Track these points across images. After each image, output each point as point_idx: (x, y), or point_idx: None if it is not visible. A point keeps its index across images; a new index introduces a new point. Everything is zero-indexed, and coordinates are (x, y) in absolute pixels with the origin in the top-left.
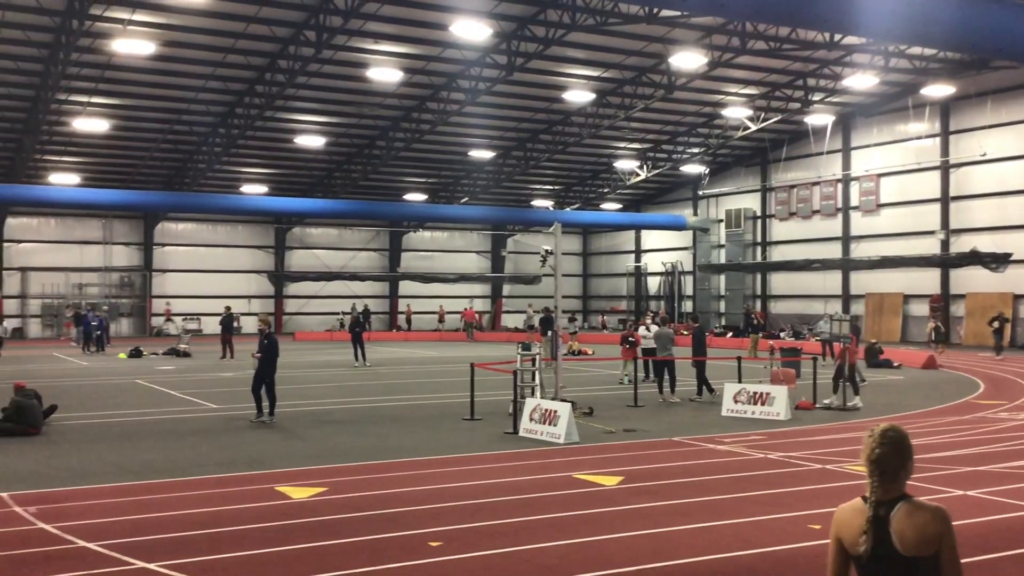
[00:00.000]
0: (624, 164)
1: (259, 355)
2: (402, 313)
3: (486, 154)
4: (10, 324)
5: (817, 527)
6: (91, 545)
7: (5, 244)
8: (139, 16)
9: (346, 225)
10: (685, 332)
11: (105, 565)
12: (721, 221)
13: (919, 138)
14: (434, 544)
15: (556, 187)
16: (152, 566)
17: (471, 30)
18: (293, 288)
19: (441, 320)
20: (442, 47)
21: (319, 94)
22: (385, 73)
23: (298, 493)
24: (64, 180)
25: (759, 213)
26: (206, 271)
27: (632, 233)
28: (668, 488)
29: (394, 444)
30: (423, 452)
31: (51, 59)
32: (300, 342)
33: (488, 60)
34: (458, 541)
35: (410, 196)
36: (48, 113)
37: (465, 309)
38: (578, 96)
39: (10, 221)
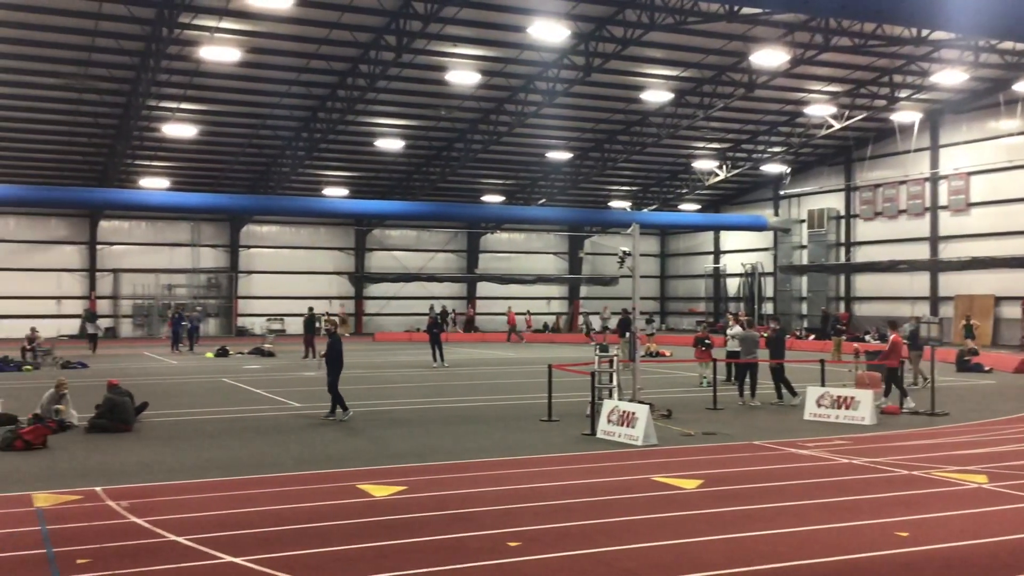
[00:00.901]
0: (703, 164)
1: (323, 356)
2: (462, 315)
3: (563, 155)
4: (103, 323)
5: (904, 535)
6: (180, 539)
7: (98, 246)
8: (226, 24)
9: (425, 227)
10: (764, 335)
11: (194, 559)
12: (803, 221)
13: (1011, 135)
14: (513, 544)
15: (634, 188)
16: (239, 560)
17: (549, 31)
18: (373, 289)
19: (512, 325)
20: (520, 49)
21: (399, 98)
22: (463, 76)
23: (379, 491)
24: (154, 184)
25: (843, 213)
26: (289, 272)
27: (711, 234)
28: (749, 492)
29: (472, 444)
30: (501, 452)
31: (142, 66)
32: (379, 343)
33: (566, 61)
34: (537, 542)
35: (488, 198)
36: (139, 119)
37: (509, 310)
38: (656, 96)
39: (103, 224)
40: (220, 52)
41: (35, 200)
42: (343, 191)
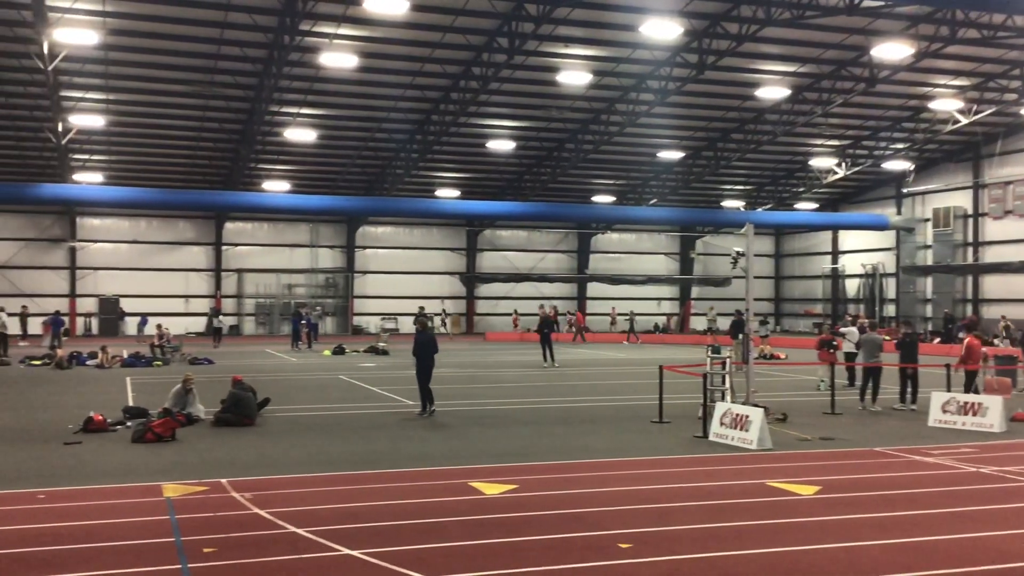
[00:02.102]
0: (820, 162)
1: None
2: (563, 315)
3: (675, 155)
4: (227, 321)
5: None
6: (300, 531)
7: (223, 247)
8: (344, 30)
9: (535, 227)
10: (888, 337)
11: (313, 550)
12: (928, 220)
13: None
14: (624, 546)
15: (748, 187)
16: (356, 553)
17: (661, 29)
18: (484, 289)
19: (612, 323)
20: (632, 48)
21: (510, 99)
22: (575, 76)
23: (491, 489)
24: (276, 187)
25: (970, 211)
26: (402, 272)
27: (829, 233)
28: (869, 500)
29: (583, 444)
30: (612, 453)
31: (265, 73)
32: (490, 342)
33: (678, 59)
34: (648, 544)
35: (598, 198)
36: (262, 124)
37: (576, 312)
38: (772, 93)
39: (228, 226)
40: (338, 58)
41: (165, 203)
42: (455, 192)
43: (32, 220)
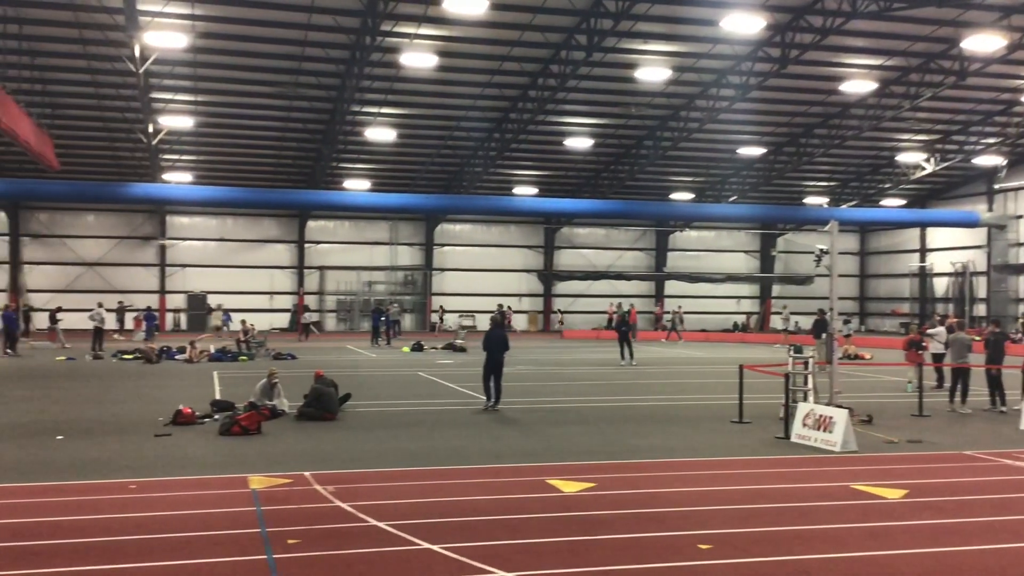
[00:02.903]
0: (908, 157)
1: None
2: (644, 313)
3: (756, 151)
4: (310, 317)
5: None
6: (381, 524)
7: (306, 245)
8: (424, 30)
9: (613, 225)
10: (978, 338)
11: (394, 544)
12: (1021, 217)
13: None
14: (703, 547)
15: (831, 183)
16: (436, 548)
17: (743, 24)
18: (561, 287)
19: (681, 321)
20: (712, 43)
21: (588, 96)
22: (654, 72)
23: (568, 487)
24: (356, 185)
25: None
26: (480, 270)
27: (916, 231)
28: (958, 505)
29: (662, 444)
30: (691, 453)
31: (347, 74)
32: (567, 340)
33: (760, 54)
34: (728, 546)
35: (677, 195)
36: (344, 124)
37: (631, 308)
38: (857, 87)
39: (310, 224)
40: (418, 58)
41: (251, 202)
42: (533, 190)
43: (125, 219)
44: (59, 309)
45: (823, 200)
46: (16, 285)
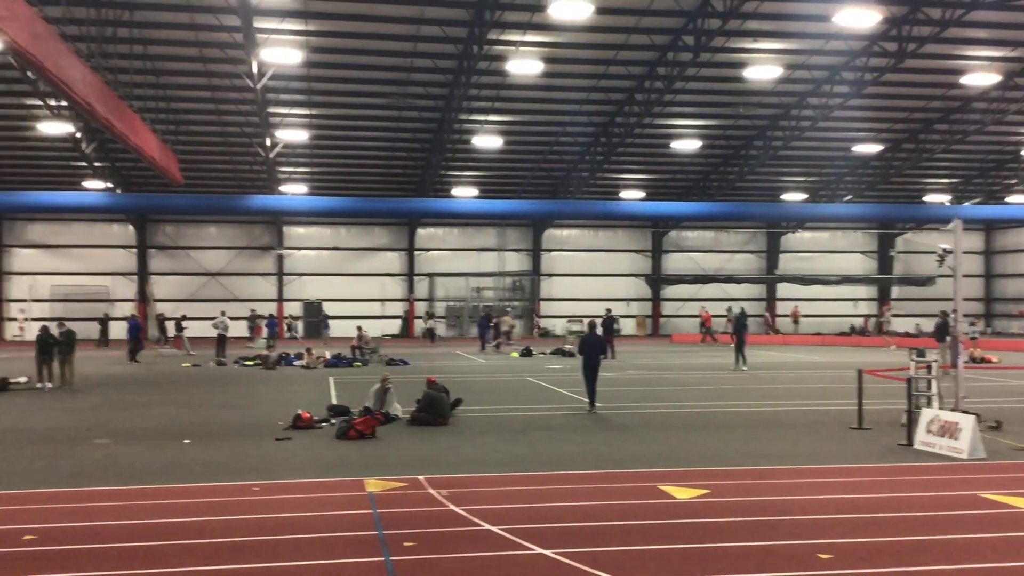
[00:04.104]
0: None
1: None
2: (723, 316)
3: (872, 148)
4: (422, 324)
5: None
6: (495, 528)
7: (416, 252)
8: (529, 37)
9: (722, 227)
10: None
11: (507, 548)
12: None
13: None
14: (824, 557)
15: (954, 180)
16: (548, 552)
17: (857, 18)
18: (670, 291)
19: (795, 322)
20: (824, 39)
21: (696, 98)
22: (763, 71)
23: (681, 493)
24: (464, 193)
25: None
26: (588, 275)
27: None
28: None
29: (778, 450)
30: (809, 460)
31: (455, 83)
32: (676, 344)
33: (876, 48)
34: (850, 556)
35: (788, 196)
36: (451, 132)
37: (703, 312)
38: (980, 79)
39: (420, 231)
40: (524, 65)
41: (362, 211)
42: (640, 194)
43: (244, 230)
44: (184, 317)
45: (945, 198)
46: (144, 295)
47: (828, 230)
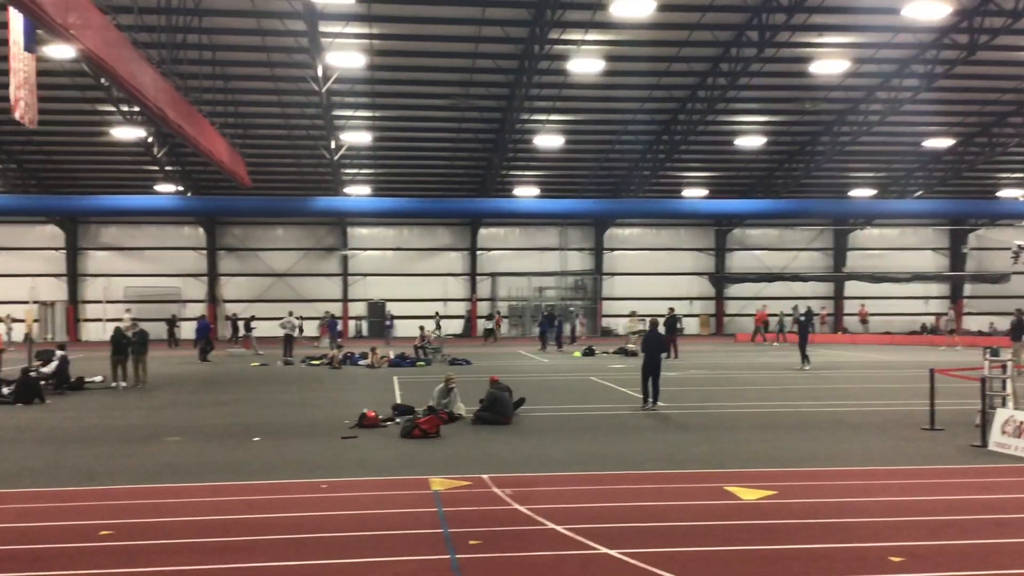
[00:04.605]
0: None
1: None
2: (775, 315)
3: (943, 143)
4: (482, 323)
5: None
6: (558, 528)
7: (478, 252)
8: (591, 36)
9: (787, 225)
10: None
11: (572, 548)
12: None
13: None
14: (895, 559)
15: None
16: (613, 552)
17: (926, 10)
18: (733, 289)
19: (864, 321)
20: (893, 32)
21: (760, 94)
22: (830, 65)
23: (747, 494)
24: (526, 192)
25: None
26: (650, 274)
27: None
28: None
29: (846, 451)
30: (879, 461)
31: (516, 83)
32: (740, 343)
33: (946, 40)
34: (923, 559)
35: (856, 192)
36: (513, 132)
37: (757, 311)
38: None
39: (482, 231)
40: (585, 63)
41: (425, 211)
42: (703, 191)
43: (310, 231)
44: (252, 318)
45: (1019, 193)
46: (214, 296)
47: (898, 227)
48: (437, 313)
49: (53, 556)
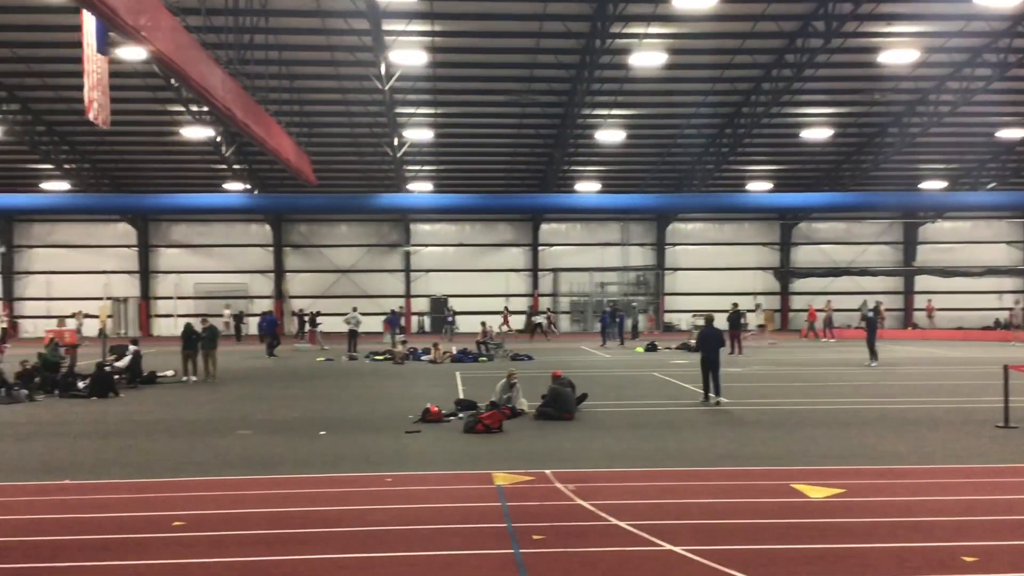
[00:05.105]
0: None
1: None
2: (804, 311)
3: (1017, 133)
4: (541, 318)
5: None
6: (622, 524)
7: (539, 248)
8: (653, 29)
9: (855, 218)
10: None
11: (635, 544)
12: None
13: None
14: (968, 559)
15: None
16: (678, 549)
17: None
18: (799, 284)
19: (930, 316)
20: (964, 20)
21: (827, 85)
22: (899, 55)
23: (815, 492)
24: (587, 188)
25: None
26: (713, 269)
27: None
28: None
29: (916, 449)
30: (949, 460)
31: (577, 78)
32: (806, 339)
33: (1019, 29)
34: (998, 559)
35: (927, 184)
36: (574, 127)
37: (810, 307)
38: None
39: (543, 227)
40: (647, 57)
41: (487, 207)
42: (767, 185)
43: (373, 228)
44: (318, 313)
45: None
46: (280, 292)
47: (970, 219)
48: (506, 308)
49: (128, 546)
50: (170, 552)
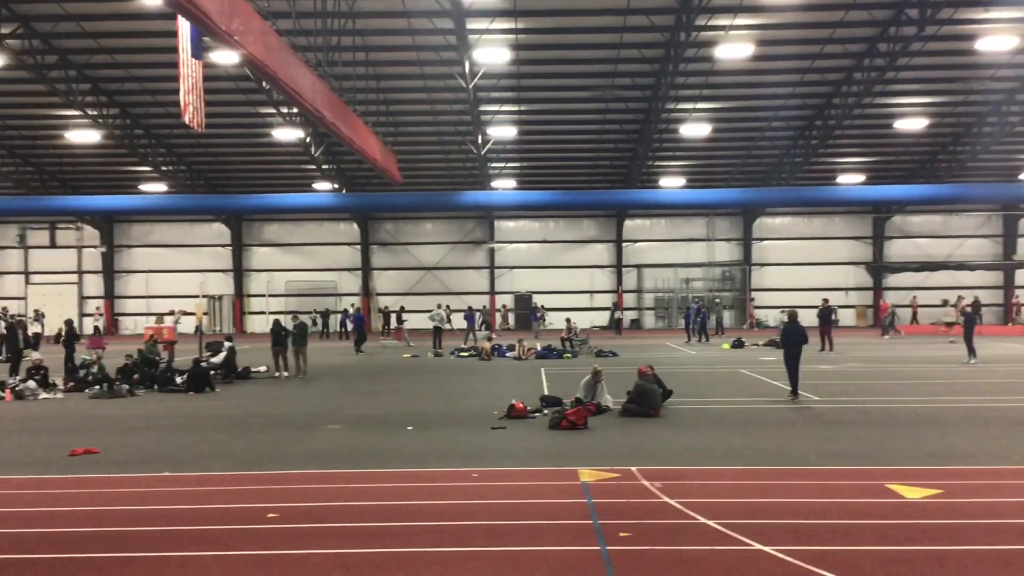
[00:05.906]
0: None
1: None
2: (991, 306)
3: None
4: (628, 315)
5: None
6: (711, 523)
7: (623, 244)
8: (739, 20)
9: (952, 211)
10: None
11: (724, 543)
12: None
13: None
14: None
15: None
16: (768, 549)
17: None
18: (893, 279)
19: (1017, 313)
20: None
21: (922, 74)
22: (997, 42)
23: (911, 493)
24: (671, 183)
25: None
26: (802, 264)
27: None
28: None
29: (1016, 448)
30: None
31: (662, 72)
32: (906, 336)
33: None
34: None
35: None
36: (658, 122)
37: (882, 303)
38: None
39: (627, 223)
40: (733, 49)
41: (570, 204)
42: (859, 177)
43: (458, 225)
44: (403, 310)
45: None
46: (367, 289)
47: None
48: (614, 304)
49: (226, 537)
50: (266, 544)
